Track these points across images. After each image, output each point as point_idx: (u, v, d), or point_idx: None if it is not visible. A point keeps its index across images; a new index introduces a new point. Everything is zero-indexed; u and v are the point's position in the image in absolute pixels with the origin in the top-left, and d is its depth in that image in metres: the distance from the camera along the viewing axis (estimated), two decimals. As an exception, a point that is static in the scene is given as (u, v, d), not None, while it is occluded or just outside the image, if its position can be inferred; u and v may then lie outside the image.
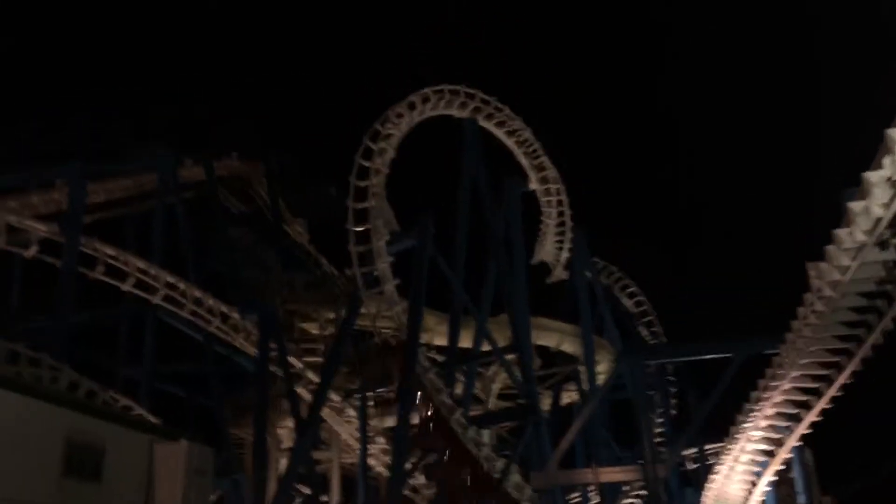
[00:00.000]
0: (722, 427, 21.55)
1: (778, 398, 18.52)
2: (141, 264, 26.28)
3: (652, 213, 55.45)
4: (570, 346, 36.74)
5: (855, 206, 12.16)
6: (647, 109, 58.03)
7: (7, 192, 28.50)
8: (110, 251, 25.81)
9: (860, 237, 12.53)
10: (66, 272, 24.81)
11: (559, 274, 39.73)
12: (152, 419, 19.84)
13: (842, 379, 16.59)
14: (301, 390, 28.97)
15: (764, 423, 19.48)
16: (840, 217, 12.75)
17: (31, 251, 24.89)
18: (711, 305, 47.34)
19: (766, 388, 18.50)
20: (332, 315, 32.24)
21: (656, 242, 52.34)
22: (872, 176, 11.53)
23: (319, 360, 30.09)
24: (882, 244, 12.69)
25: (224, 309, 27.76)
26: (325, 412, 28.61)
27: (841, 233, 12.83)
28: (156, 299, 26.39)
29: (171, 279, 26.64)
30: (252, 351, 28.05)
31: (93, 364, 28.63)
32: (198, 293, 27.08)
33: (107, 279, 25.78)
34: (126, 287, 25.88)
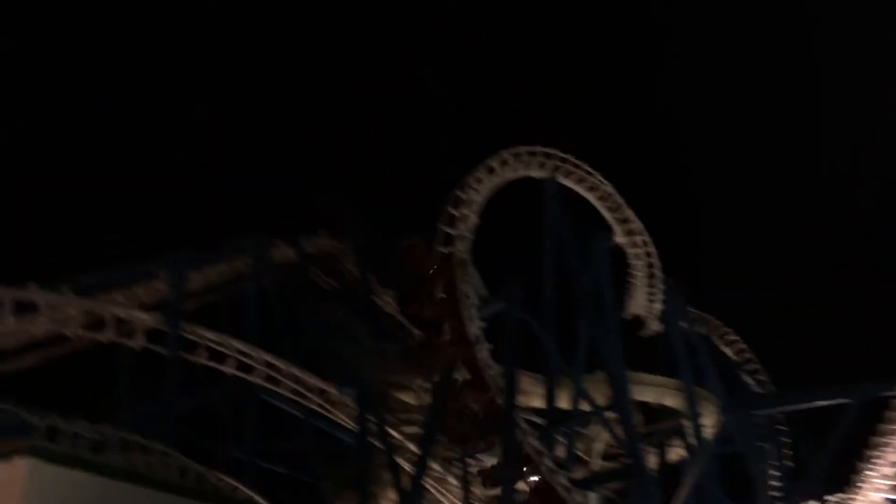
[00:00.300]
0: (843, 477, 20.44)
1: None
2: (240, 346, 27.04)
3: (746, 257, 53.81)
4: (672, 401, 35.62)
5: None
6: (720, 162, 56.76)
7: (114, 286, 29.90)
8: (211, 335, 26.70)
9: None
10: (171, 358, 25.75)
11: (653, 327, 38.86)
12: (259, 500, 20.11)
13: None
14: (402, 461, 28.91)
15: (890, 471, 18.38)
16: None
17: (139, 341, 25.96)
18: (820, 348, 45.22)
19: (889, 433, 17.49)
20: (427, 384, 32.33)
21: (755, 287, 50.65)
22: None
23: (418, 430, 30.05)
24: None
25: (321, 385, 28.16)
26: (427, 482, 28.41)
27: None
28: (256, 379, 27.03)
29: (269, 358, 27.28)
30: (351, 425, 28.25)
31: (197, 446, 29.38)
32: (295, 370, 27.61)
33: (209, 363, 26.62)
34: (227, 369, 26.64)
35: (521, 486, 26.84)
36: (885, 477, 18.66)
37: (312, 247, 37.34)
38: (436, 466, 29.13)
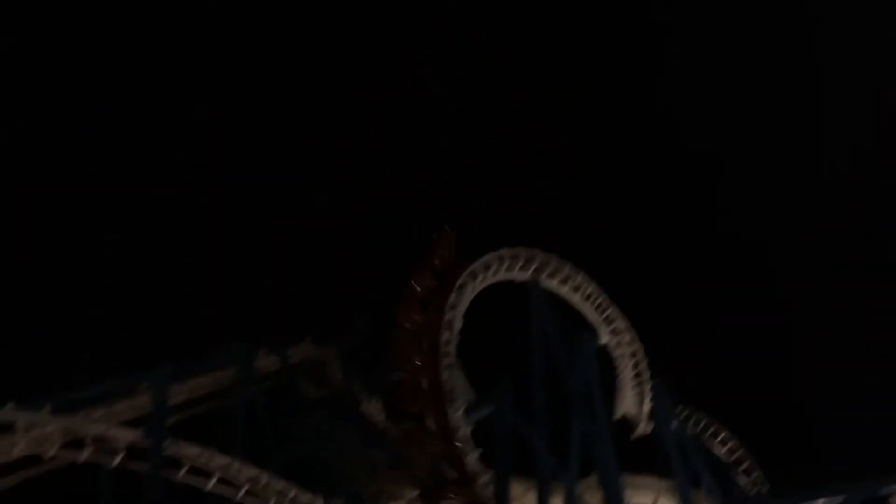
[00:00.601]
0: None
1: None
2: (223, 460, 26.43)
3: (734, 353, 53.65)
4: (667, 502, 34.95)
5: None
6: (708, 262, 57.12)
7: (95, 402, 29.35)
8: (194, 450, 26.13)
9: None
10: (152, 476, 25.09)
11: (644, 428, 38.40)
12: None
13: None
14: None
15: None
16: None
17: (117, 459, 25.34)
18: (814, 445, 44.73)
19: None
20: (416, 492, 31.54)
21: (744, 382, 50.36)
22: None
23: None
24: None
25: (307, 498, 27.42)
26: None
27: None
28: (239, 495, 26.32)
29: (253, 473, 26.64)
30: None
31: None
32: (281, 484, 26.92)
33: (191, 479, 25.94)
34: (210, 486, 25.95)
35: None
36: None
37: (298, 355, 37.03)
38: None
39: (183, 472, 25.77)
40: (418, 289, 31.98)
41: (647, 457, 36.10)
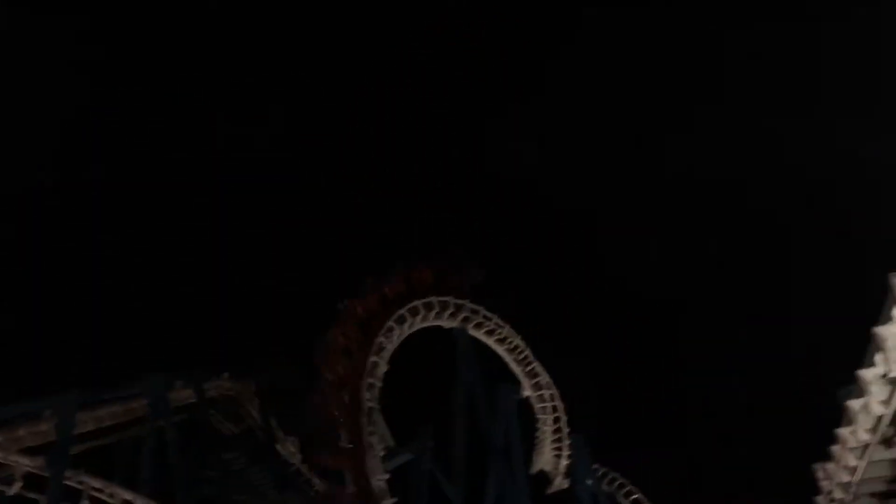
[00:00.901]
0: None
1: None
2: (127, 496, 25.45)
3: (650, 416, 54.54)
4: (578, 560, 34.95)
5: (854, 404, 12.17)
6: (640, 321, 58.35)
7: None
8: (96, 484, 25.08)
9: (864, 436, 12.42)
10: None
11: (560, 483, 38.49)
12: None
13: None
14: None
15: None
16: (839, 415, 12.71)
17: (15, 488, 24.13)
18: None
19: None
20: (327, 539, 30.83)
21: (657, 445, 51.13)
22: (867, 374, 11.63)
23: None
24: (886, 442, 12.56)
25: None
26: None
27: (844, 432, 12.73)
28: (143, 532, 25.30)
29: (159, 510, 25.69)
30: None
31: None
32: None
33: (92, 513, 24.84)
34: (112, 521, 24.90)
35: None
36: None
37: (213, 389, 36.14)
38: None
39: (83, 504, 24.64)
40: (340, 339, 31.50)
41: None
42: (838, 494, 13.78)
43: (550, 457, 38.95)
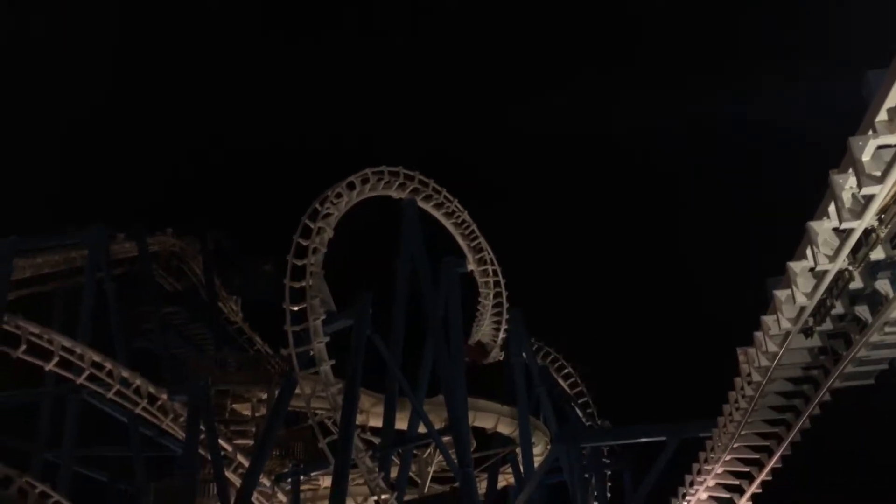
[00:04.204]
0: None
1: (711, 482, 18.63)
2: (66, 343, 25.50)
3: (590, 294, 56.11)
4: (506, 428, 36.48)
5: (780, 294, 12.54)
6: (584, 195, 59.08)
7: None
8: (34, 329, 25.02)
9: (786, 325, 12.90)
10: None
11: (496, 355, 39.73)
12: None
13: (772, 462, 16.81)
14: (230, 474, 28.02)
15: (698, 508, 19.54)
16: (766, 303, 13.11)
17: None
18: (648, 387, 47.77)
19: (699, 472, 18.63)
20: (265, 395, 31.54)
21: (594, 324, 52.86)
22: (796, 266, 11.92)
23: (250, 442, 29.23)
24: (806, 332, 13.07)
25: (152, 390, 26.95)
26: (255, 497, 27.66)
27: (767, 320, 13.19)
28: (80, 379, 25.53)
29: (96, 358, 25.86)
30: (180, 434, 27.14)
31: (9, 447, 27.36)
32: (125, 373, 26.29)
33: (29, 358, 24.89)
34: (49, 367, 25.01)
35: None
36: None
37: (157, 244, 35.83)
38: (266, 481, 28.42)
39: (21, 349, 24.64)
40: None
41: (495, 384, 37.50)
42: (756, 377, 14.45)
43: (489, 329, 40.04)
